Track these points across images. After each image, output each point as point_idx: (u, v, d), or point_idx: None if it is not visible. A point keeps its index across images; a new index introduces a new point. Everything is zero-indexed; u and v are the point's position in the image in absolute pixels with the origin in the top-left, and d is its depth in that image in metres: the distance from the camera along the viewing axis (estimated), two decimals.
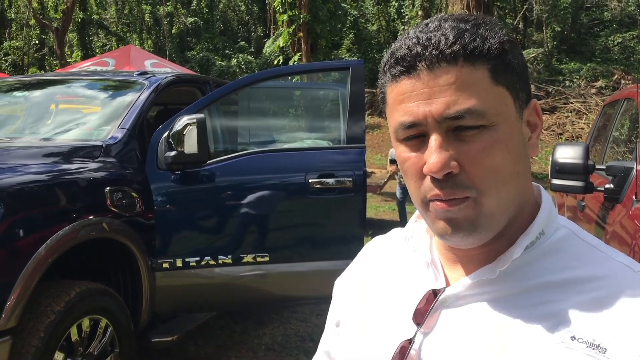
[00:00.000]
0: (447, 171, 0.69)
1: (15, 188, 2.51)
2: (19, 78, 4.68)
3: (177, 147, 3.16)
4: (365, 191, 3.56)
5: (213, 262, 3.28)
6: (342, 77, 4.39)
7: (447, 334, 0.75)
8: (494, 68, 0.70)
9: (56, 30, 19.48)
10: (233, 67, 23.71)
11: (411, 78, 0.72)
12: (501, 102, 0.71)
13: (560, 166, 2.89)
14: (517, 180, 0.73)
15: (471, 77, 0.69)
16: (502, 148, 0.70)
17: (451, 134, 0.70)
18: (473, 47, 0.69)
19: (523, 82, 0.74)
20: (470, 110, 0.69)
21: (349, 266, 0.99)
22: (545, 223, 0.76)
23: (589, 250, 0.75)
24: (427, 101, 0.70)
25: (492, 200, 0.71)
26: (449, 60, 0.69)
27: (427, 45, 0.70)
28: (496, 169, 0.70)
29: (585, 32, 20.74)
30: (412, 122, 0.72)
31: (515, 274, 0.74)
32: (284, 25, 14.42)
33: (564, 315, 0.69)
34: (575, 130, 16.28)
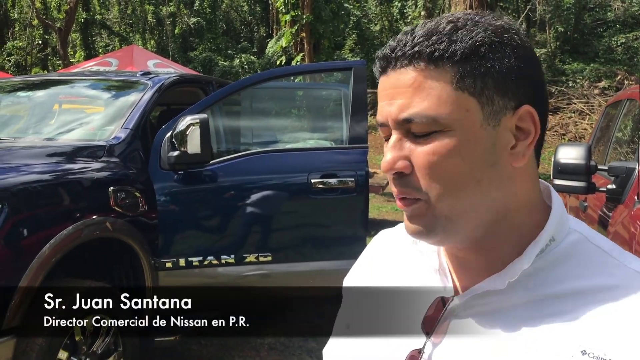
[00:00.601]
0: (394, 171, 0.70)
1: (19, 188, 2.52)
2: (22, 78, 4.71)
3: (180, 147, 3.18)
4: (368, 191, 3.56)
5: (216, 261, 3.29)
6: (345, 78, 4.40)
7: (456, 346, 0.74)
8: (459, 72, 0.68)
9: (59, 30, 19.49)
10: (236, 67, 23.71)
11: (383, 77, 0.73)
12: (460, 108, 0.69)
13: (563, 167, 2.89)
14: (478, 188, 0.70)
15: (430, 80, 0.68)
16: (454, 154, 0.69)
17: (410, 135, 0.70)
18: (433, 50, 0.68)
19: (505, 87, 0.70)
20: (419, 114, 0.68)
21: (356, 263, 0.97)
22: (555, 229, 0.73)
23: (601, 256, 0.72)
24: (390, 102, 0.71)
25: (444, 205, 0.70)
26: (410, 61, 0.69)
27: (395, 47, 0.71)
28: (446, 173, 0.69)
29: (588, 33, 20.68)
30: (381, 122, 0.73)
31: (525, 283, 0.72)
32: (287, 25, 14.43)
33: (574, 327, 0.67)
34: (578, 130, 16.24)
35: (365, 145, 3.55)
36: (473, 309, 0.74)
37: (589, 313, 0.68)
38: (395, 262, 0.88)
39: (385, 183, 8.94)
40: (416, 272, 0.84)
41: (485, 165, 0.70)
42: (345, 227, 3.51)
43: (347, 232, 3.50)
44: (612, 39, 19.53)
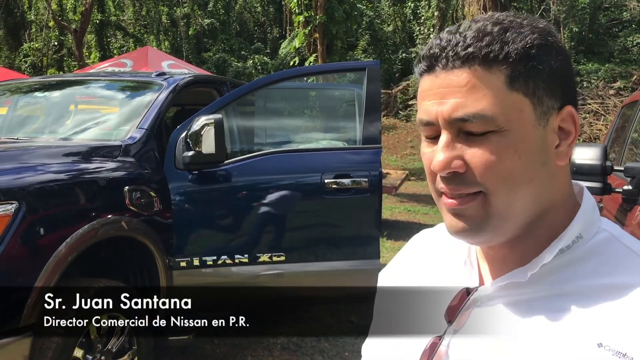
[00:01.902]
0: (449, 170, 0.70)
1: (36, 187, 2.55)
2: (39, 79, 4.75)
3: (195, 147, 3.20)
4: (381, 192, 3.57)
5: (230, 261, 3.30)
6: (358, 78, 4.40)
7: (475, 333, 0.75)
8: (512, 73, 0.70)
9: (75, 31, 19.67)
10: (249, 68, 23.77)
11: (430, 77, 0.73)
12: (514, 109, 0.70)
13: (578, 167, 2.87)
14: (530, 186, 0.72)
15: (484, 81, 0.69)
16: (511, 153, 0.70)
17: (462, 135, 0.71)
18: (488, 51, 0.69)
19: (552, 88, 0.72)
20: (478, 114, 0.69)
21: (392, 260, 1.00)
22: (583, 226, 0.75)
23: (628, 255, 0.73)
24: (440, 101, 0.71)
25: (500, 203, 0.70)
26: (464, 62, 0.70)
27: (446, 47, 0.71)
28: (505, 173, 0.70)
29: (603, 33, 20.50)
30: (427, 120, 0.73)
31: (548, 277, 0.73)
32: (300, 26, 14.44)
33: (592, 322, 0.68)
34: (593, 131, 16.11)
35: (378, 146, 3.55)
36: (495, 300, 0.76)
37: (608, 308, 0.68)
38: (429, 260, 0.91)
39: (398, 184, 8.92)
40: (447, 267, 0.86)
41: (537, 164, 0.72)
42: (358, 227, 3.52)
43: (360, 232, 3.50)
44: (628, 39, 19.34)
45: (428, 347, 0.78)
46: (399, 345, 0.83)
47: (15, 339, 2.33)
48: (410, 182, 12.46)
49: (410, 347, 0.80)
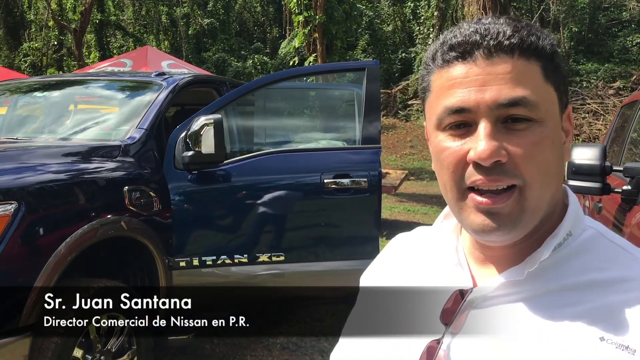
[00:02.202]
0: (496, 159, 0.69)
1: (35, 187, 2.55)
2: (38, 79, 4.75)
3: (195, 147, 3.20)
4: (381, 192, 3.56)
5: (229, 261, 3.30)
6: (358, 78, 4.40)
7: (475, 335, 0.75)
8: (545, 66, 0.72)
9: (74, 31, 19.66)
10: (249, 67, 23.77)
11: (466, 64, 0.72)
12: (549, 100, 0.72)
13: (577, 167, 2.87)
14: (558, 179, 0.74)
15: (525, 70, 0.70)
16: (549, 145, 0.71)
17: (500, 125, 0.70)
18: (530, 42, 0.71)
19: (565, 87, 0.75)
20: (525, 99, 0.69)
21: (373, 263, 0.99)
22: (572, 224, 0.76)
23: (617, 251, 0.75)
24: (480, 88, 0.70)
25: (535, 195, 0.71)
26: (506, 51, 0.70)
27: (486, 35, 0.71)
28: (545, 164, 0.71)
29: (603, 33, 20.50)
30: (460, 107, 0.71)
31: (543, 275, 0.74)
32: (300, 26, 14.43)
33: (592, 316, 0.69)
34: (592, 131, 16.11)
35: (378, 146, 3.55)
36: (492, 301, 0.76)
37: (607, 303, 0.70)
38: (413, 262, 0.90)
39: (397, 183, 8.92)
40: (435, 269, 0.86)
41: (561, 158, 0.74)
42: (357, 227, 3.52)
43: (359, 232, 3.50)
44: (627, 38, 19.34)
45: (425, 351, 0.77)
46: (392, 347, 0.82)
47: (14, 339, 2.33)
48: (409, 182, 12.46)
49: (404, 349, 0.80)
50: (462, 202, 0.74)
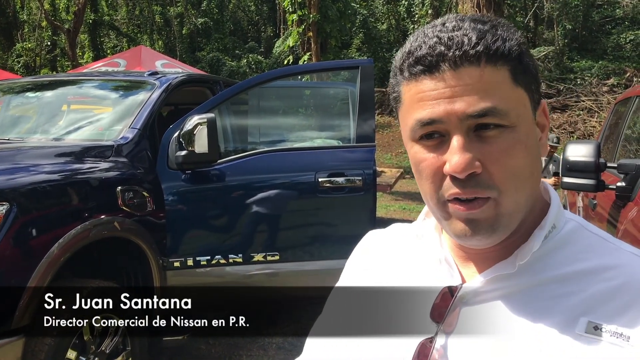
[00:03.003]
0: (470, 171, 0.69)
1: (28, 188, 2.53)
2: (31, 79, 4.72)
3: (188, 147, 3.18)
4: (375, 190, 3.55)
5: (224, 261, 3.29)
6: (352, 76, 4.39)
7: (471, 333, 0.75)
8: (514, 69, 0.71)
9: (68, 31, 19.59)
10: (243, 67, 23.76)
11: (433, 78, 0.71)
12: (520, 104, 0.72)
13: (572, 164, 2.87)
14: (532, 180, 0.73)
15: (493, 77, 0.70)
16: (522, 149, 0.71)
17: (472, 134, 0.70)
18: (496, 48, 0.70)
19: (537, 84, 0.75)
20: (494, 108, 0.69)
21: (349, 262, 0.98)
22: (556, 217, 0.77)
23: (599, 241, 0.76)
24: (449, 99, 0.70)
25: (510, 201, 0.71)
26: (472, 60, 0.69)
27: (450, 46, 0.70)
28: (517, 169, 0.71)
29: (596, 30, 20.56)
30: (430, 118, 0.71)
31: (531, 267, 0.75)
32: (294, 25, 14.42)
33: (584, 306, 0.70)
34: (586, 128, 16.16)
35: (372, 144, 3.55)
36: (483, 296, 0.76)
37: (596, 291, 0.71)
38: (395, 260, 0.89)
39: (392, 182, 8.92)
40: (418, 267, 0.85)
41: (536, 157, 0.74)
42: (352, 225, 3.51)
43: (354, 231, 3.46)
44: (621, 36, 19.40)
45: (418, 350, 0.76)
46: (380, 347, 0.81)
47: (7, 341, 2.31)
48: (404, 180, 12.46)
49: (394, 349, 0.79)
50: (443, 210, 0.74)
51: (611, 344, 0.67)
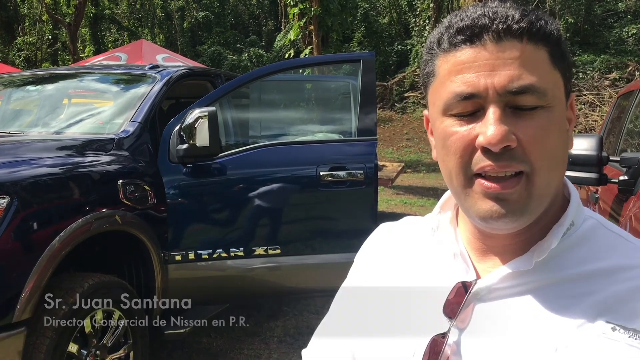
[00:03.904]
0: (506, 144, 0.67)
1: (29, 181, 2.53)
2: (32, 72, 4.71)
3: (189, 140, 3.17)
4: (377, 184, 3.54)
5: (225, 254, 3.29)
6: (353, 70, 4.38)
7: (485, 330, 0.73)
8: (553, 52, 0.71)
9: (69, 25, 19.54)
10: (244, 61, 23.71)
11: (474, 48, 0.70)
12: (557, 86, 0.71)
13: (574, 158, 2.86)
14: (563, 166, 0.73)
15: (534, 55, 0.69)
16: (556, 130, 0.70)
17: (509, 110, 0.69)
18: (539, 27, 0.70)
19: (570, 74, 0.75)
20: (534, 86, 0.68)
21: (360, 256, 0.96)
22: (575, 214, 0.75)
23: (617, 240, 0.75)
24: (489, 72, 0.69)
25: (543, 181, 0.69)
26: (515, 35, 0.69)
27: (494, 18, 0.70)
28: (551, 149, 0.70)
29: (599, 24, 20.46)
30: (470, 92, 0.69)
31: (548, 265, 0.73)
32: (295, 18, 14.36)
33: (602, 305, 0.68)
34: (588, 122, 16.12)
35: (374, 138, 3.53)
36: (498, 292, 0.75)
37: (614, 291, 0.69)
38: (408, 254, 0.87)
39: (394, 176, 8.91)
40: (432, 261, 0.84)
41: (566, 145, 0.73)
42: (354, 219, 3.50)
43: (356, 224, 3.48)
44: (623, 29, 19.32)
45: (429, 346, 0.75)
46: (393, 343, 0.80)
47: (8, 334, 2.31)
48: (406, 175, 12.47)
49: (407, 344, 0.78)
50: (468, 188, 0.72)
51: (629, 346, 0.65)
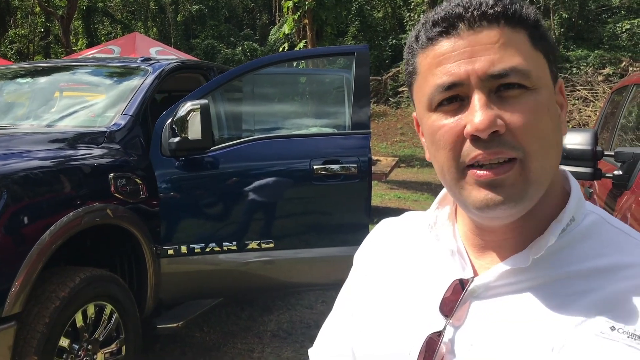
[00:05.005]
0: (494, 129, 0.66)
1: (19, 174, 2.50)
2: (24, 65, 4.67)
3: (181, 133, 3.15)
4: (371, 178, 3.53)
5: (218, 248, 3.27)
6: (347, 63, 4.36)
7: (480, 328, 0.72)
8: (532, 34, 0.70)
9: (61, 18, 19.40)
10: (238, 54, 23.64)
11: (451, 38, 0.70)
12: (540, 67, 0.70)
13: (568, 152, 2.86)
14: (557, 150, 0.71)
15: (513, 38, 0.69)
16: (545, 112, 0.68)
17: (494, 96, 0.68)
18: (514, 10, 0.69)
19: (554, 56, 0.73)
20: (516, 68, 0.67)
21: (360, 251, 0.96)
22: (575, 209, 0.73)
23: (621, 236, 0.73)
24: (469, 59, 0.68)
25: (537, 165, 0.68)
26: (491, 20, 0.68)
27: (468, 6, 0.69)
28: (542, 132, 0.68)
29: (593, 19, 20.51)
30: (452, 81, 0.69)
31: (547, 262, 0.71)
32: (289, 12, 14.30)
33: (601, 305, 0.67)
34: (582, 118, 16.17)
35: (368, 131, 3.51)
36: (495, 290, 0.73)
37: (615, 290, 0.67)
38: (407, 250, 0.87)
39: (388, 171, 8.91)
40: (430, 258, 0.83)
41: (558, 129, 0.72)
42: (348, 213, 3.49)
43: (350, 218, 3.47)
44: (617, 25, 19.37)
45: (425, 344, 0.74)
46: (390, 340, 0.79)
47: None
48: (400, 169, 12.47)
49: (403, 342, 0.77)
50: (462, 181, 0.70)
51: (628, 346, 0.63)
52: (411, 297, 0.80)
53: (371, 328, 0.83)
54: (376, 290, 0.86)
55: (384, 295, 0.84)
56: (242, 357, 3.65)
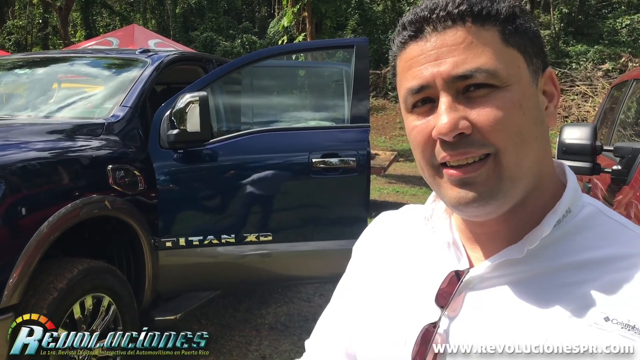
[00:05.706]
0: (457, 132, 0.67)
1: (17, 165, 2.49)
2: (22, 55, 4.65)
3: (180, 126, 3.14)
4: (369, 171, 3.53)
5: (216, 241, 3.27)
6: (347, 57, 4.34)
7: (474, 318, 0.72)
8: (504, 30, 0.69)
9: (60, 9, 19.30)
10: (237, 47, 23.57)
11: (418, 42, 0.70)
12: (512, 64, 0.69)
13: (567, 147, 2.86)
14: (536, 144, 0.70)
15: (480, 37, 0.68)
16: (516, 108, 0.68)
17: (462, 97, 0.68)
18: (481, 8, 0.68)
19: (536, 48, 0.72)
20: (481, 68, 0.67)
21: (359, 244, 0.96)
22: (571, 201, 0.73)
23: (618, 228, 0.73)
24: (435, 62, 0.68)
25: (511, 161, 0.68)
26: (456, 20, 0.68)
27: (434, 8, 0.69)
28: (516, 127, 0.68)
29: (593, 14, 20.47)
30: (420, 84, 0.70)
31: (542, 253, 0.71)
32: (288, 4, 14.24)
33: (595, 295, 0.67)
34: (581, 113, 16.16)
35: (367, 125, 3.51)
36: (490, 281, 0.74)
37: (609, 281, 0.67)
38: (407, 243, 0.87)
39: (387, 165, 8.90)
40: (427, 250, 0.83)
41: (537, 122, 0.71)
42: (346, 207, 3.49)
43: (348, 212, 3.47)
44: (617, 20, 19.34)
45: (421, 335, 0.74)
46: (386, 331, 0.80)
47: None
48: (399, 163, 12.46)
49: (399, 333, 0.77)
50: (438, 178, 0.72)
51: (622, 337, 0.64)
52: (408, 289, 0.81)
53: (368, 318, 0.84)
54: (374, 281, 0.87)
55: (381, 287, 0.85)
56: (239, 350, 3.65)
